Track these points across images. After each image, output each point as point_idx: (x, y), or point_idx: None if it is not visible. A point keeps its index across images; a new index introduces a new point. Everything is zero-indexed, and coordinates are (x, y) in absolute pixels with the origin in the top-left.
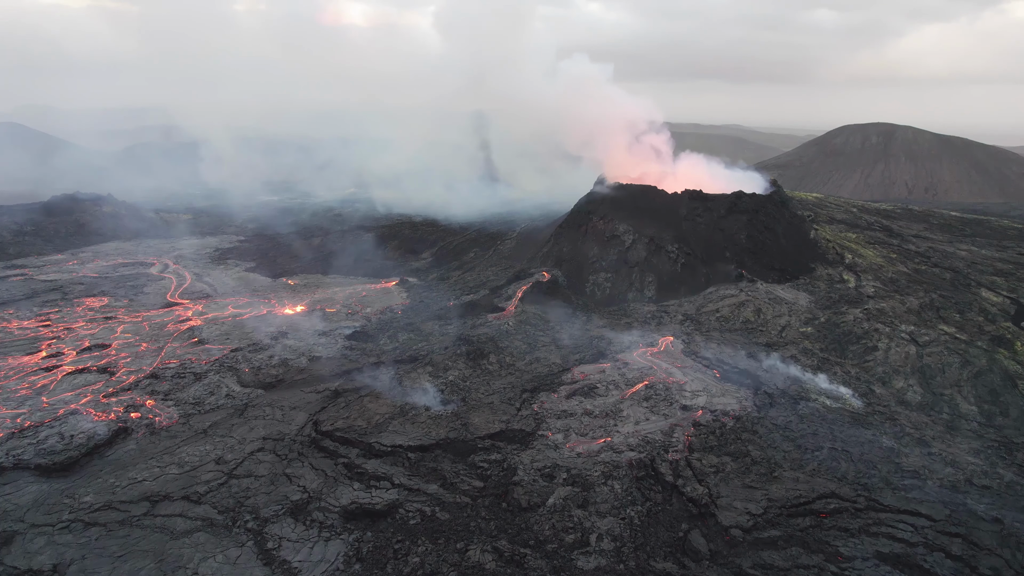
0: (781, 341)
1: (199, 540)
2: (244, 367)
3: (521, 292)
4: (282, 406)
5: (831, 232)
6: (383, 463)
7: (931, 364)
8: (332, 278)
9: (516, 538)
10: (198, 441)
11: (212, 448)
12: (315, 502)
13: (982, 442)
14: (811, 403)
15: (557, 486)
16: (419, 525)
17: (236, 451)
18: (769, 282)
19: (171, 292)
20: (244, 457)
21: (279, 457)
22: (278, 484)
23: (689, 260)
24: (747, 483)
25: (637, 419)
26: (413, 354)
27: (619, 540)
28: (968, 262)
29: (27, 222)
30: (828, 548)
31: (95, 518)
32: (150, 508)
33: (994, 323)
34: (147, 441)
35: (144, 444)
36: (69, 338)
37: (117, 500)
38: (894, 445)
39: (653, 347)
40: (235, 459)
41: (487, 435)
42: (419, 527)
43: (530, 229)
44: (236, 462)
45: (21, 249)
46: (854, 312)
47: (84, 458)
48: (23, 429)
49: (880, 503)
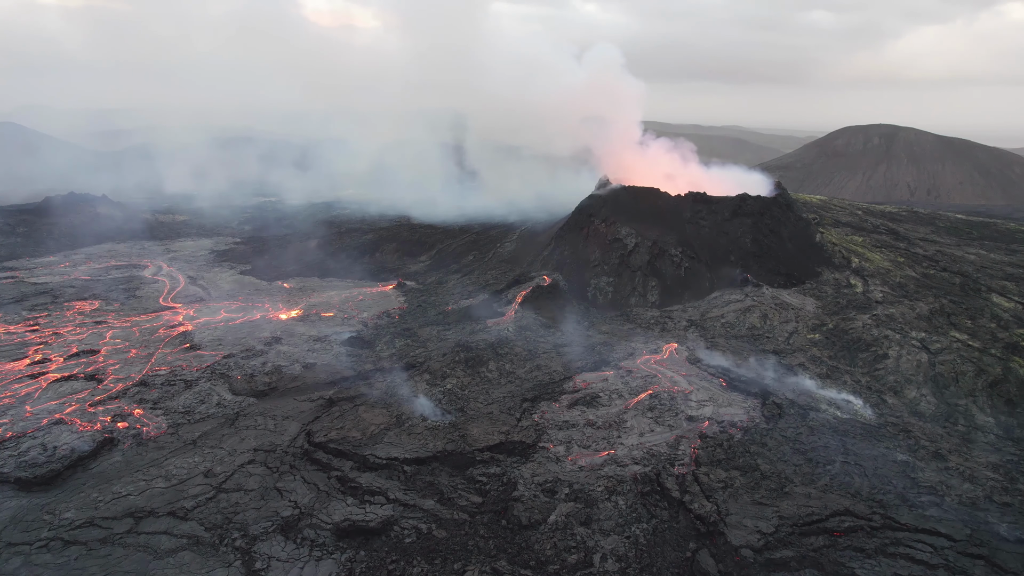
0: (788, 348)
1: (184, 560)
2: (236, 374)
3: (521, 296)
4: (275, 415)
5: (836, 235)
6: (378, 476)
7: (944, 373)
8: (328, 281)
9: (516, 558)
10: (187, 452)
11: (201, 460)
12: (306, 518)
13: (1000, 455)
14: (821, 414)
15: (559, 502)
16: (415, 544)
17: (226, 463)
18: (775, 287)
19: (164, 296)
20: (234, 470)
21: (270, 470)
22: (268, 499)
23: (693, 264)
24: (757, 499)
25: (641, 430)
26: (410, 361)
27: (624, 560)
28: (977, 266)
29: (19, 223)
30: (844, 570)
31: (75, 536)
32: (134, 525)
33: (1007, 330)
34: (134, 452)
35: (130, 456)
36: (57, 343)
37: (100, 516)
38: (909, 459)
39: (657, 354)
40: (225, 472)
41: (486, 447)
42: (415, 546)
43: (530, 231)
44: (226, 475)
45: (12, 251)
46: (862, 318)
47: (67, 471)
48: (4, 440)
49: (897, 521)
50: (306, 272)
